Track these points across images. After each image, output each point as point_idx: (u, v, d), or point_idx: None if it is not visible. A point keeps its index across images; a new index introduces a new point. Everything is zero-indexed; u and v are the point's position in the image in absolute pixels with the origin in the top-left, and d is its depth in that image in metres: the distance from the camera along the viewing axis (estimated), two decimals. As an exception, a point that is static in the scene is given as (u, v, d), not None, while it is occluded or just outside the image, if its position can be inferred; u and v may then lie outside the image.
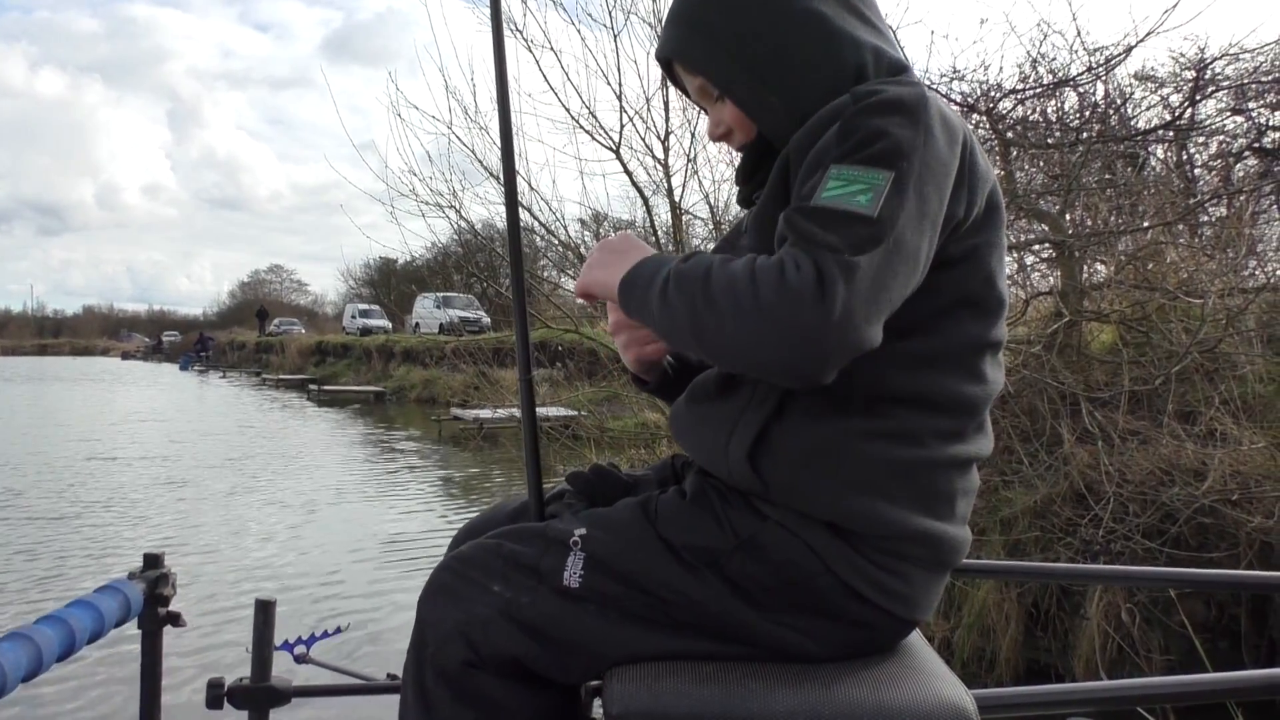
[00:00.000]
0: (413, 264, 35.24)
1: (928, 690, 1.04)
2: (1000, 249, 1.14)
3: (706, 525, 1.13)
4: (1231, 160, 7.71)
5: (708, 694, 1.03)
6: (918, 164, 0.99)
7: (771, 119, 1.17)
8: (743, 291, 0.94)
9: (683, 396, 1.28)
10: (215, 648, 5.31)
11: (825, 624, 1.11)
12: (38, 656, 1.25)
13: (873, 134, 1.01)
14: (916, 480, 1.09)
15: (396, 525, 9.12)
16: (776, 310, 0.92)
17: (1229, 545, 4.47)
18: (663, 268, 1.05)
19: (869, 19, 1.19)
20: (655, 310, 1.04)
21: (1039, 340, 6.07)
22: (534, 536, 1.19)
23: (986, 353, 1.15)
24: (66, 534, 8.30)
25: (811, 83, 1.14)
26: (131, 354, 67.31)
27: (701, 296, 0.97)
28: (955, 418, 1.12)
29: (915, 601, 1.13)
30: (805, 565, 1.09)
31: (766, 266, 0.95)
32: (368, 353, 31.67)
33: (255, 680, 1.66)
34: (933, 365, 1.10)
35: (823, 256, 0.93)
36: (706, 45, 1.18)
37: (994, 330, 1.14)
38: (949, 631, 4.97)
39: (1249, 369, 5.44)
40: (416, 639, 1.18)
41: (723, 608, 1.10)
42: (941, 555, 1.13)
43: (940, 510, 1.12)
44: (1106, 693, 1.44)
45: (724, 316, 0.95)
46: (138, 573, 1.60)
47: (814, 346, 0.92)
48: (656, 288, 1.04)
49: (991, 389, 1.16)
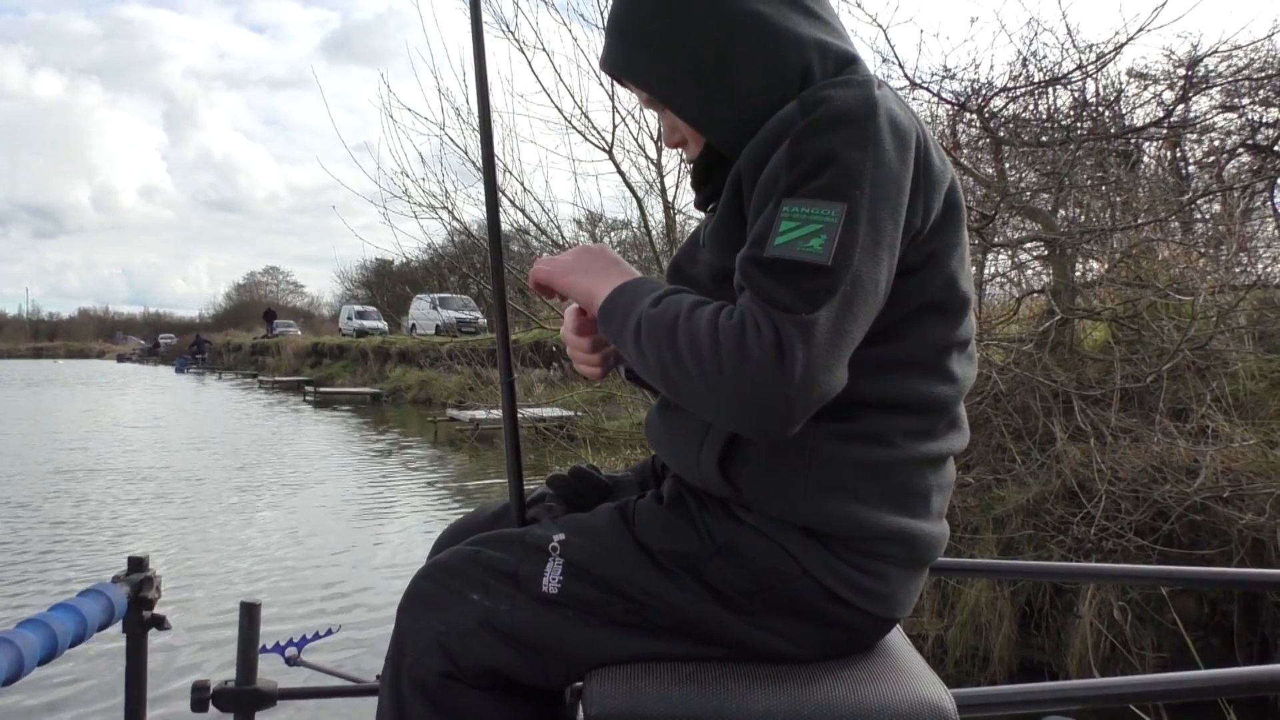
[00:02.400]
0: (408, 265, 35.19)
1: (907, 690, 1.03)
2: (962, 248, 1.13)
3: (684, 531, 1.13)
4: (1224, 157, 7.73)
5: (687, 694, 1.03)
6: (869, 190, 0.97)
7: (717, 129, 1.13)
8: (706, 355, 0.95)
9: (654, 406, 1.28)
10: (203, 650, 5.30)
11: (804, 626, 1.10)
12: (19, 660, 1.24)
13: (821, 160, 0.98)
14: (889, 480, 1.09)
15: (391, 526, 9.12)
16: (739, 380, 0.93)
17: (1221, 543, 4.48)
18: (639, 302, 1.06)
19: (812, 10, 1.14)
20: (630, 348, 1.05)
21: (1031, 338, 6.08)
22: (512, 543, 1.19)
23: (953, 352, 1.13)
24: (52, 538, 8.27)
25: (756, 88, 1.10)
26: (127, 356, 67.17)
27: (669, 352, 0.99)
28: (925, 417, 1.12)
29: (894, 600, 1.13)
30: (782, 569, 1.09)
31: (729, 329, 0.95)
32: (364, 354, 31.64)
33: (240, 683, 1.66)
34: (899, 369, 1.09)
35: (780, 319, 0.94)
36: (646, 57, 1.14)
37: (959, 330, 1.13)
38: (942, 630, 4.98)
39: (1240, 366, 5.45)
40: (395, 649, 1.17)
41: (702, 612, 1.10)
42: (918, 553, 1.13)
43: (914, 508, 1.12)
44: (1093, 691, 1.43)
45: (690, 378, 0.97)
46: (122, 576, 1.59)
47: (776, 410, 0.94)
48: (630, 329, 1.05)
49: (962, 386, 1.15)
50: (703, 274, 1.16)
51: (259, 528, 8.85)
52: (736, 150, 1.10)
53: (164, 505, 9.86)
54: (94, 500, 10.09)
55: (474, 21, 1.36)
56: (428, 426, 18.08)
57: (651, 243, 7.17)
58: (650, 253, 7.38)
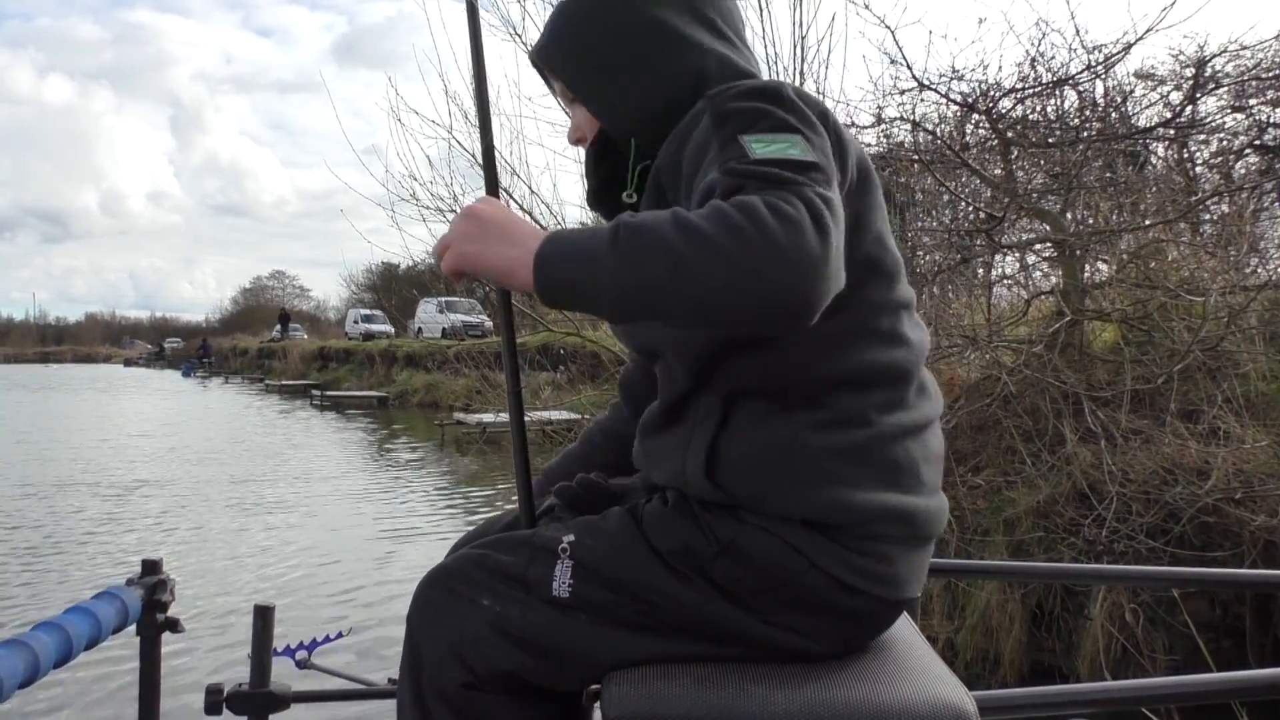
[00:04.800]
0: (415, 269, 35.27)
1: (927, 691, 1.03)
2: (882, 211, 1.16)
3: (689, 532, 1.12)
4: (1232, 158, 7.71)
5: (705, 697, 1.03)
6: (806, 129, 1.03)
7: (612, 115, 1.25)
8: (739, 224, 0.89)
9: (637, 437, 1.29)
10: (215, 653, 5.31)
11: (816, 619, 1.10)
12: (34, 663, 1.24)
13: (754, 112, 1.05)
14: (872, 458, 1.10)
15: (399, 530, 9.12)
16: (784, 239, 0.88)
17: (1233, 544, 4.46)
18: (594, 232, 0.98)
19: (721, 30, 1.25)
20: (608, 272, 0.94)
21: (1041, 340, 6.07)
22: (520, 545, 1.18)
23: (900, 313, 1.15)
24: (65, 541, 8.30)
25: (652, 82, 1.22)
26: (134, 361, 67.34)
27: (685, 237, 0.91)
28: (892, 387, 1.13)
29: (902, 580, 1.13)
30: (790, 564, 1.09)
31: (754, 203, 0.91)
32: (370, 358, 31.68)
33: (254, 685, 1.66)
34: (852, 340, 1.10)
35: (804, 192, 0.92)
36: (562, 48, 1.28)
37: (898, 289, 1.16)
38: (952, 633, 4.97)
39: (1251, 367, 5.43)
40: (410, 659, 1.16)
41: (714, 612, 1.10)
42: (918, 529, 1.13)
43: (906, 483, 1.12)
44: (1109, 694, 1.43)
45: (718, 252, 0.89)
46: (136, 579, 1.59)
47: (818, 276, 0.89)
48: (603, 247, 0.95)
49: (918, 349, 1.17)
50: None
51: (269, 531, 8.86)
52: (626, 137, 1.23)
53: (176, 509, 9.89)
54: (106, 504, 10.12)
55: (471, 24, 1.36)
56: (435, 430, 18.10)
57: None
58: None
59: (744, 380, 1.12)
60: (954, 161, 6.99)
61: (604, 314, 0.99)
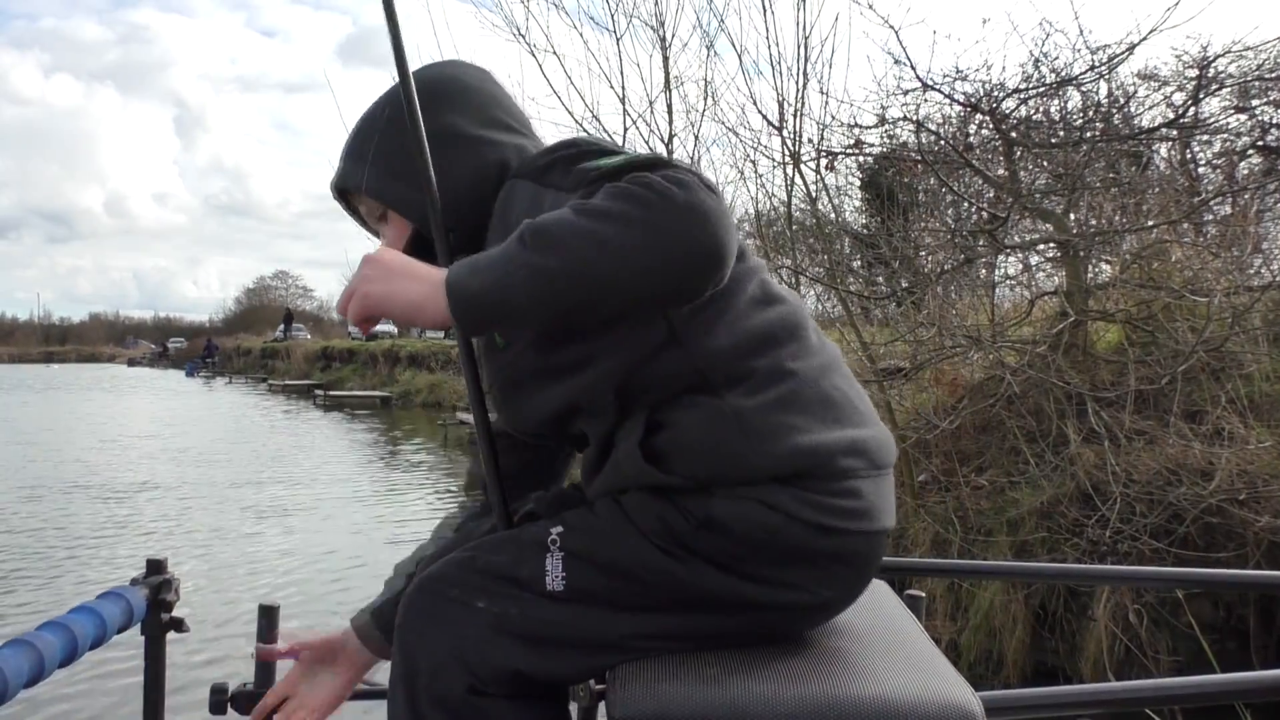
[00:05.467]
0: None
1: (933, 690, 1.03)
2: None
3: (667, 512, 1.13)
4: (1236, 158, 7.70)
5: (712, 695, 1.03)
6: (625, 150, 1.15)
7: (419, 213, 1.30)
8: (638, 194, 0.98)
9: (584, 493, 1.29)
10: (220, 653, 5.32)
11: (808, 569, 1.12)
12: (39, 662, 1.24)
13: (575, 154, 1.16)
14: (809, 401, 1.13)
15: (402, 529, 9.13)
16: (681, 197, 0.97)
17: (1237, 545, 4.46)
18: (499, 252, 1.03)
19: (512, 127, 1.36)
20: (524, 276, 0.99)
21: (1044, 340, 6.06)
22: (508, 543, 1.18)
23: (759, 278, 1.20)
24: (70, 540, 8.32)
25: (456, 179, 1.27)
26: (137, 361, 67.43)
27: (591, 217, 0.98)
28: (793, 337, 1.17)
29: (876, 510, 1.15)
30: (767, 522, 1.09)
31: (642, 177, 1.00)
32: (373, 358, 31.71)
33: (258, 685, 1.66)
34: (736, 312, 1.15)
35: (678, 165, 1.02)
36: (363, 165, 1.34)
37: (747, 260, 1.20)
38: (956, 633, 4.96)
39: (1255, 367, 5.42)
40: (404, 669, 1.13)
41: (708, 583, 1.11)
42: (874, 458, 1.16)
43: (848, 416, 1.15)
44: (1114, 694, 1.43)
45: (629, 220, 0.97)
46: (141, 578, 1.59)
47: (723, 225, 0.98)
48: (514, 249, 1.01)
49: (794, 302, 1.22)
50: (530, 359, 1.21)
51: (274, 531, 8.88)
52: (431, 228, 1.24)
53: (181, 509, 9.91)
54: (111, 504, 10.14)
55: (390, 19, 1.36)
56: (438, 429, 18.12)
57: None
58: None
59: (663, 389, 1.14)
60: (957, 162, 6.99)
61: (530, 318, 1.03)
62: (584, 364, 1.16)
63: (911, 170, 7.60)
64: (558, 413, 1.23)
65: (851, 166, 8.66)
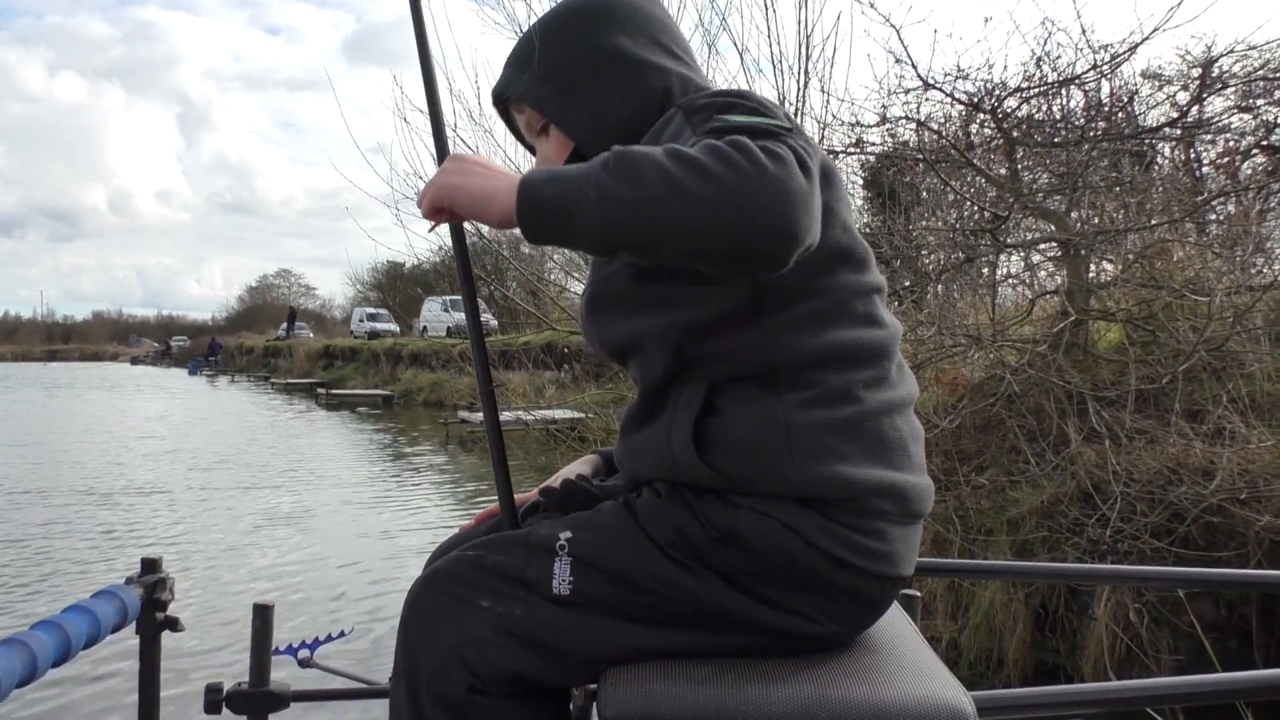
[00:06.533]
0: (420, 268, 35.35)
1: (925, 691, 1.02)
2: (847, 204, 1.20)
3: (685, 521, 1.12)
4: (1239, 158, 7.68)
5: (703, 695, 1.02)
6: (777, 118, 1.07)
7: (585, 133, 1.29)
8: (731, 154, 0.94)
9: (618, 442, 1.30)
10: (216, 653, 5.31)
11: (818, 599, 1.11)
12: (32, 662, 1.24)
13: (727, 104, 1.10)
14: (864, 434, 1.11)
15: (403, 528, 9.12)
16: (772, 169, 0.93)
17: (1238, 544, 4.45)
18: (582, 168, 1.00)
19: (677, 55, 1.32)
20: (594, 197, 0.96)
21: (1045, 339, 6.05)
22: (515, 545, 1.17)
23: (873, 297, 1.18)
24: (65, 539, 8.30)
25: (620, 101, 1.27)
26: (140, 359, 67.51)
27: (678, 162, 0.95)
28: (875, 365, 1.15)
29: (897, 557, 1.14)
30: (787, 545, 1.09)
31: (744, 141, 0.96)
32: (375, 356, 31.71)
33: (254, 685, 1.66)
34: (831, 321, 1.13)
35: (789, 140, 0.98)
36: (530, 76, 1.31)
37: (869, 275, 1.19)
38: (956, 633, 4.95)
39: (1257, 367, 5.41)
40: (407, 664, 1.13)
41: (718, 599, 1.10)
42: (909, 506, 1.14)
43: (896, 460, 1.13)
44: (1111, 694, 1.42)
45: (710, 175, 0.93)
46: (136, 577, 1.59)
47: (804, 208, 0.94)
48: (595, 169, 0.98)
49: (893, 330, 1.20)
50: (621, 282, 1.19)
51: (271, 530, 8.87)
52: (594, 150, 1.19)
53: (177, 507, 9.90)
54: (107, 503, 10.13)
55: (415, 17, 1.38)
56: (439, 428, 18.11)
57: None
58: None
59: (726, 365, 1.13)
60: (959, 161, 6.97)
61: (589, 238, 0.98)
62: (661, 306, 1.15)
63: (913, 169, 7.59)
64: (622, 345, 1.24)
65: (853, 165, 8.66)
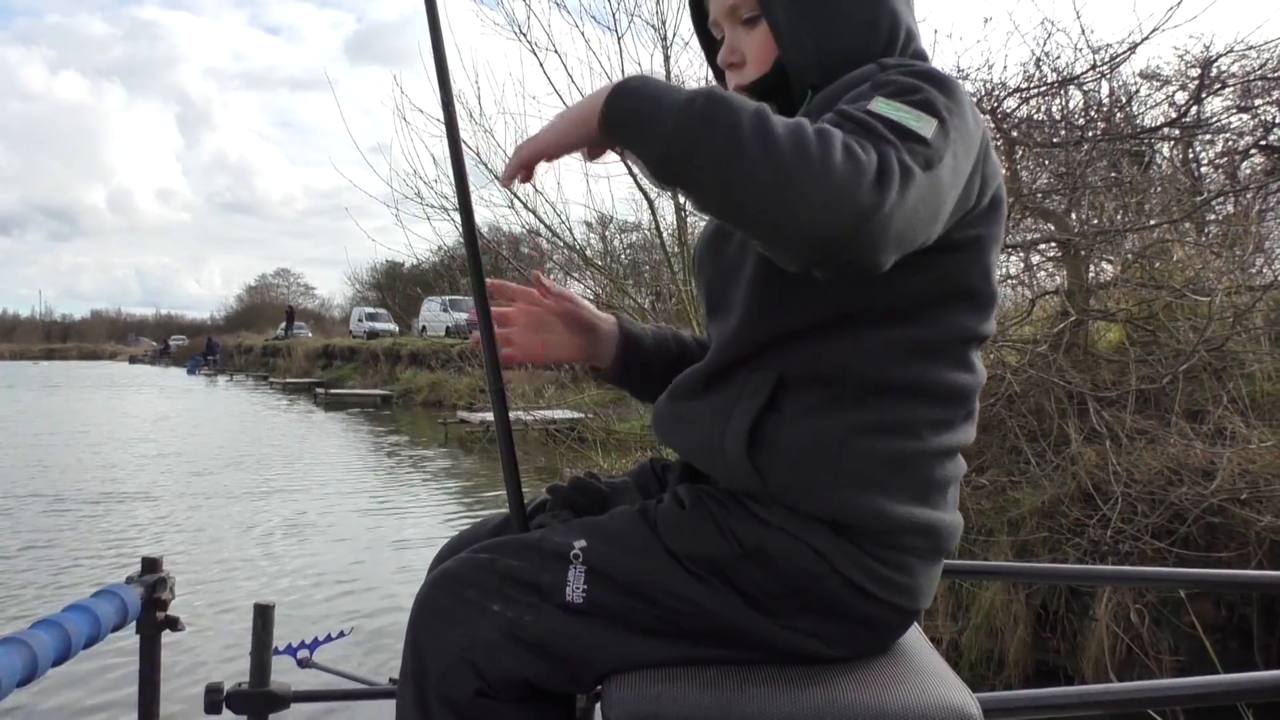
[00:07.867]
0: (419, 267, 35.35)
1: (931, 693, 1.02)
2: (999, 244, 1.15)
3: (709, 535, 1.10)
4: (1238, 158, 7.68)
5: (707, 699, 1.02)
6: (954, 125, 0.98)
7: (797, 52, 1.16)
8: (807, 141, 0.87)
9: (664, 396, 1.26)
10: (216, 652, 5.31)
11: (834, 624, 1.10)
12: (33, 661, 1.24)
13: (911, 87, 1.00)
14: (912, 472, 1.09)
15: (402, 528, 9.12)
16: (839, 171, 0.86)
17: (1239, 545, 4.44)
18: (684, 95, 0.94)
19: (910, 4, 1.22)
20: (674, 120, 0.92)
21: (1045, 340, 6.05)
22: (529, 550, 1.15)
23: (974, 345, 1.15)
24: (66, 538, 8.30)
25: (846, 32, 1.15)
26: (139, 358, 67.43)
27: (756, 127, 0.89)
28: (947, 408, 1.12)
29: (919, 592, 1.13)
30: (812, 569, 1.07)
31: (833, 133, 0.89)
32: (374, 356, 31.69)
33: (254, 685, 1.65)
34: (926, 355, 1.10)
35: (886, 152, 0.90)
36: None
37: (984, 324, 1.15)
38: (956, 634, 4.95)
39: (1257, 367, 5.41)
40: (414, 666, 1.11)
41: (734, 616, 1.09)
42: (939, 544, 1.14)
43: (935, 500, 1.12)
44: (1115, 695, 1.41)
45: (776, 152, 0.87)
46: (136, 577, 1.59)
47: (855, 223, 0.86)
48: (683, 98, 0.93)
49: (980, 379, 1.17)
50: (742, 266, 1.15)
51: (271, 530, 8.86)
52: (801, 78, 1.16)
53: (177, 507, 9.89)
54: (107, 502, 10.12)
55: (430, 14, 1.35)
56: (438, 428, 18.09)
57: (662, 244, 7.14)
58: (661, 254, 7.36)
59: (803, 363, 1.11)
60: (959, 161, 6.96)
61: (651, 160, 0.94)
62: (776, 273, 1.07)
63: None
64: (725, 290, 1.20)
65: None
